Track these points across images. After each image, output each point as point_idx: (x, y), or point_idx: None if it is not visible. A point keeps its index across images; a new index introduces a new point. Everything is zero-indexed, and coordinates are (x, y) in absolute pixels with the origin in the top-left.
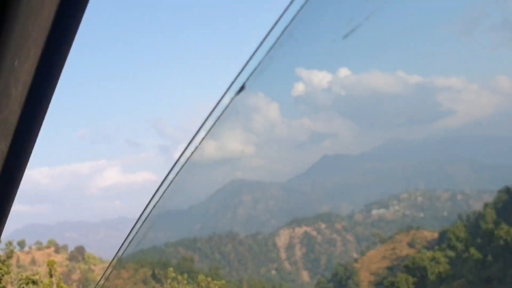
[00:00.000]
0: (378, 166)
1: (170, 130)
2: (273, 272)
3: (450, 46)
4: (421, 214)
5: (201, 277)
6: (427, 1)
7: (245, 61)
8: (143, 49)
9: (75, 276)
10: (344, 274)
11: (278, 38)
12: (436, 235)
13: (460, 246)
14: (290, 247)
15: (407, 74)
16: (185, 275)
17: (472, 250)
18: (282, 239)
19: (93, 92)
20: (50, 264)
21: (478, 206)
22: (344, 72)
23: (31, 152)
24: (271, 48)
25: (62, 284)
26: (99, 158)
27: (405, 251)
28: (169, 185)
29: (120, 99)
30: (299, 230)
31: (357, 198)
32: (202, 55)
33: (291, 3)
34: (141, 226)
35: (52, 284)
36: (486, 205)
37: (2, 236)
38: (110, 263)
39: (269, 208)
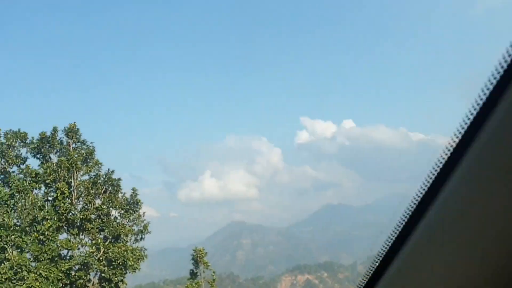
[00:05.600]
0: (379, 218)
1: (174, 167)
2: None
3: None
4: None
5: None
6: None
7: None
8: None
9: None
10: None
11: None
12: None
13: None
14: None
15: (410, 131)
16: None
17: None
18: (283, 285)
19: (97, 126)
20: None
21: None
22: (349, 123)
23: None
24: None
25: None
26: None
27: None
28: None
29: (127, 135)
30: (301, 278)
31: (358, 249)
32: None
33: None
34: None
35: None
36: None
37: None
38: None
39: (268, 253)
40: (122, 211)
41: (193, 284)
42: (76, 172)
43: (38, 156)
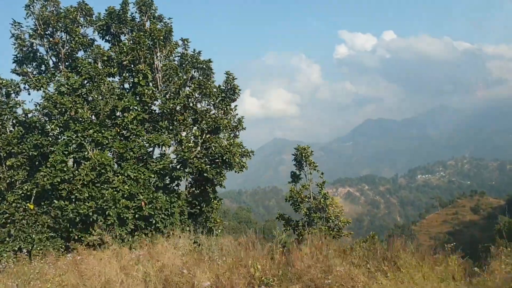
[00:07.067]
0: (422, 132)
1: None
2: None
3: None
4: (468, 182)
5: None
6: None
7: None
8: None
9: None
10: (400, 235)
11: None
12: (502, 202)
13: None
14: None
15: (455, 40)
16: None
17: None
18: None
19: None
20: None
21: None
22: (389, 35)
23: None
24: None
25: None
26: None
27: (468, 216)
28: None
29: None
30: (342, 190)
31: (399, 162)
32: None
33: None
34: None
35: None
36: None
37: None
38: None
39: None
40: (215, 101)
41: (300, 187)
42: (159, 52)
43: (107, 37)
